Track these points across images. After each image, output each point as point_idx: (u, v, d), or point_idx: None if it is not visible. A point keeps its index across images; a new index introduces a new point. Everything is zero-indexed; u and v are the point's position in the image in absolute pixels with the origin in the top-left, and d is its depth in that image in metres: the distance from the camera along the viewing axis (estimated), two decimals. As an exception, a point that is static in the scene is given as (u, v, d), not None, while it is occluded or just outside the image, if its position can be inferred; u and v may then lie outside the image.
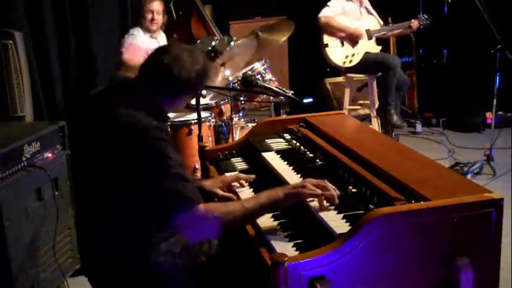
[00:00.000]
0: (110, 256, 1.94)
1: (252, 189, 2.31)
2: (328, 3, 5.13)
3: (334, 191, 1.97)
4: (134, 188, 1.85)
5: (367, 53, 5.06)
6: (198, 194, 1.88)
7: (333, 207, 1.96)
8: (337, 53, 5.09)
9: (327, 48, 5.11)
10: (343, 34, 5.08)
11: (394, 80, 4.99)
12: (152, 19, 4.34)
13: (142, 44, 4.27)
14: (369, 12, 5.23)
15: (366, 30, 5.08)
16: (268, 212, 2.00)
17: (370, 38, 5.10)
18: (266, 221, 2.01)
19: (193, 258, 1.97)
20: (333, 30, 5.08)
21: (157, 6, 4.37)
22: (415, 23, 5.11)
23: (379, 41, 5.27)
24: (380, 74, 5.02)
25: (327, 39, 5.10)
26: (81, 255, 2.18)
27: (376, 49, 5.12)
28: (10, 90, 3.17)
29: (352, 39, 5.06)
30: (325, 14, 5.08)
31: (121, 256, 1.92)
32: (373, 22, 5.17)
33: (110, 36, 4.49)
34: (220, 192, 2.31)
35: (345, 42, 5.09)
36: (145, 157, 1.83)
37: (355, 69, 5.17)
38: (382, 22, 5.27)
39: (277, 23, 4.92)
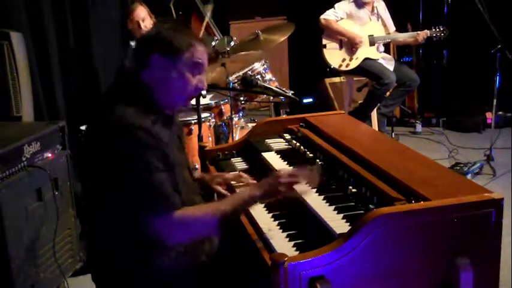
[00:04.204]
0: (112, 257, 1.94)
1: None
2: (335, 5, 5.12)
3: (307, 176, 1.93)
4: (117, 190, 1.84)
5: (366, 58, 5.05)
6: (175, 199, 1.85)
7: (332, 207, 1.96)
8: (335, 55, 5.09)
9: (324, 50, 5.11)
10: (342, 38, 5.07)
11: (383, 96, 5.02)
12: (139, 27, 4.17)
13: None
14: (379, 18, 5.20)
15: (368, 36, 5.07)
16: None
17: (372, 44, 5.09)
18: (266, 221, 2.01)
19: (195, 257, 1.97)
20: (331, 33, 5.08)
21: (141, 14, 4.25)
22: (421, 36, 5.07)
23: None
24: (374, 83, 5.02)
25: (325, 40, 5.11)
26: (87, 256, 2.17)
27: (377, 56, 5.10)
28: (6, 91, 3.16)
29: (351, 44, 5.05)
30: (326, 16, 5.08)
31: (123, 257, 1.91)
32: (380, 29, 5.14)
33: (110, 36, 4.50)
34: (218, 188, 2.30)
35: (344, 46, 5.09)
36: (121, 160, 1.81)
37: (352, 72, 5.17)
38: (393, 29, 5.24)
39: (277, 25, 4.93)
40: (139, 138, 1.80)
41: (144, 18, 4.21)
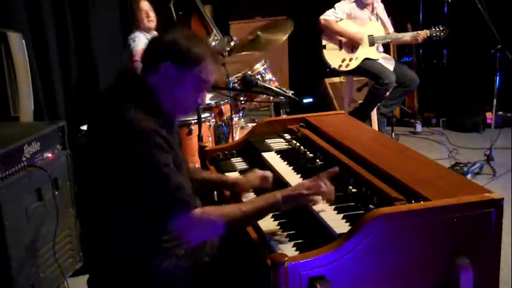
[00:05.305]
0: (114, 260, 1.93)
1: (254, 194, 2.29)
2: (335, 6, 5.11)
3: (329, 190, 1.96)
4: (131, 193, 1.83)
5: (366, 59, 5.05)
6: (194, 197, 1.87)
7: (332, 207, 1.97)
8: (334, 56, 5.09)
9: (324, 50, 5.11)
10: (342, 38, 5.07)
11: (383, 96, 5.03)
12: (148, 16, 4.36)
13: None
14: (378, 19, 5.20)
15: (368, 36, 5.06)
16: (266, 215, 1.99)
17: (372, 44, 5.08)
18: (266, 221, 2.01)
19: (196, 259, 1.97)
20: (331, 34, 5.08)
21: (146, 6, 4.41)
22: (421, 36, 5.06)
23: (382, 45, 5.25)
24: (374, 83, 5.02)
25: (325, 41, 5.11)
26: (86, 259, 2.16)
27: (376, 56, 5.09)
28: (4, 92, 3.15)
29: (351, 44, 5.05)
30: (326, 16, 5.07)
31: (125, 260, 1.90)
32: (379, 29, 5.13)
33: (110, 35, 4.50)
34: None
35: (344, 46, 5.08)
36: (137, 163, 1.80)
37: (352, 72, 5.16)
38: (392, 30, 5.23)
39: (276, 23, 4.91)
40: (155, 142, 1.80)
41: (150, 9, 4.36)
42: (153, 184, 1.80)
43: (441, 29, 5.06)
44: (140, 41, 4.27)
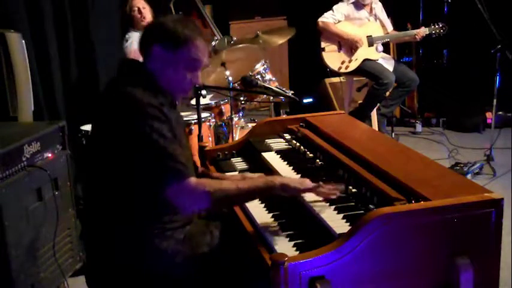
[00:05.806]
0: (114, 244, 1.95)
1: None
2: (333, 8, 5.10)
3: (331, 192, 2.01)
4: (130, 166, 1.87)
5: (366, 59, 5.05)
6: (190, 168, 1.93)
7: (332, 207, 1.97)
8: (333, 58, 5.09)
9: (323, 53, 5.11)
10: (340, 40, 5.07)
11: (383, 96, 5.03)
12: (140, 13, 4.36)
13: None
14: (377, 19, 5.19)
15: (367, 37, 5.06)
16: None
17: (371, 44, 5.08)
18: (266, 220, 2.01)
19: (195, 247, 1.98)
20: (330, 36, 5.08)
21: (140, 3, 4.40)
22: (420, 34, 5.06)
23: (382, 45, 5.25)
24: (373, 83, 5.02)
25: (324, 43, 5.10)
26: (86, 254, 2.18)
27: (376, 56, 5.09)
28: (2, 92, 3.14)
29: (350, 46, 5.05)
30: (324, 19, 5.07)
31: (124, 242, 1.92)
32: (378, 29, 5.13)
33: (110, 36, 4.50)
34: None
35: (342, 48, 5.08)
36: (135, 134, 1.85)
37: (352, 72, 5.16)
38: (391, 29, 5.23)
39: (277, 28, 4.93)
40: (148, 113, 1.86)
41: (143, 6, 4.35)
42: (148, 152, 1.85)
43: (440, 26, 5.06)
44: (134, 40, 4.28)
